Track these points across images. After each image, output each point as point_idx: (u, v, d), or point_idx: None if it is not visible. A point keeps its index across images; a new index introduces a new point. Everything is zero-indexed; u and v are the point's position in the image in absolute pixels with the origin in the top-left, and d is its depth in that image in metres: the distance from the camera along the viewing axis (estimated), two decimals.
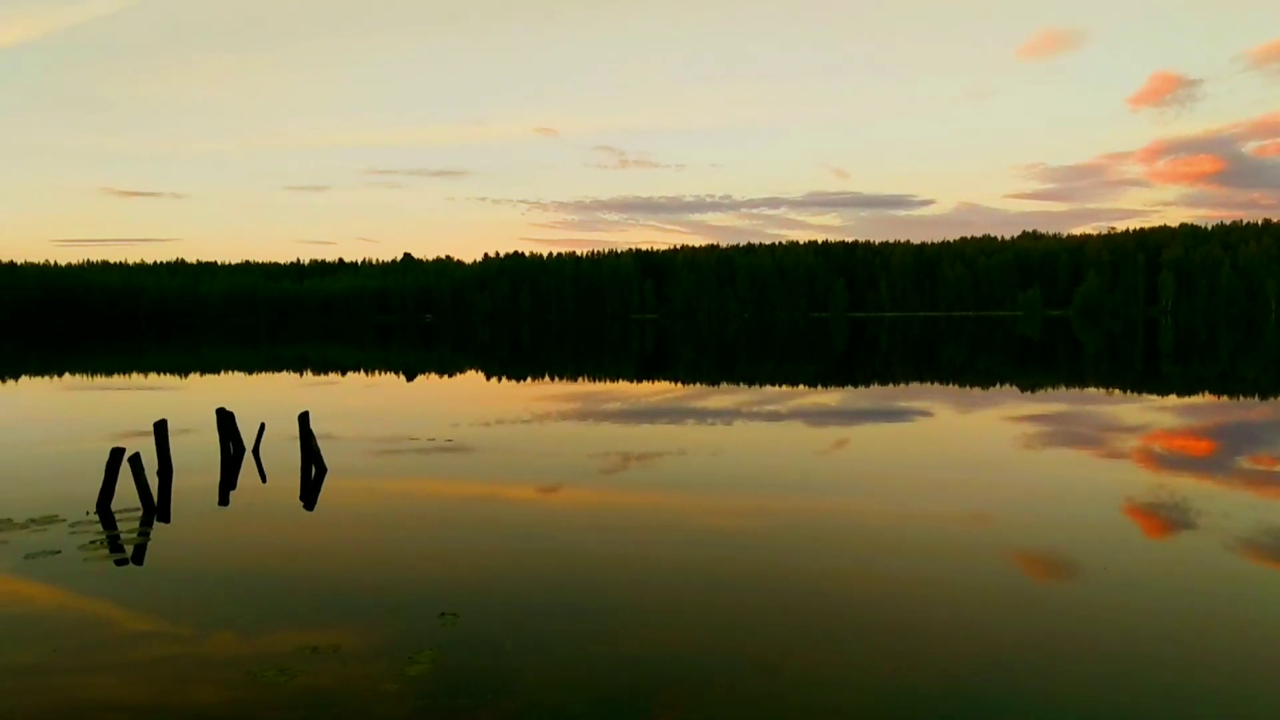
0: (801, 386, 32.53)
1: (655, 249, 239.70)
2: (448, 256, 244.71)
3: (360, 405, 26.97)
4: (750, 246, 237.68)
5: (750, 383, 33.85)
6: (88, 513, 11.76)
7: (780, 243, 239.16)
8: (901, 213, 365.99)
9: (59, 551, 10.02)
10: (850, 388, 31.87)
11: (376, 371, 42.77)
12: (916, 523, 11.32)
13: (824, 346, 64.87)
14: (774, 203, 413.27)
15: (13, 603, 8.40)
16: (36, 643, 7.38)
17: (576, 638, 7.39)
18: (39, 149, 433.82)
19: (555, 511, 12.10)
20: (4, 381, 38.53)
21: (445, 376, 40.16)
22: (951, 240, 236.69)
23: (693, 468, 15.34)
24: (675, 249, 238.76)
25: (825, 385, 32.93)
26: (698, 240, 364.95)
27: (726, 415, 22.57)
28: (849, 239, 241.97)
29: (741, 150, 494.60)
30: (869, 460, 16.26)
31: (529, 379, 37.81)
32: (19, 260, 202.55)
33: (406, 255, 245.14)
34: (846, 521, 11.43)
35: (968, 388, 31.66)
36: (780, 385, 33.14)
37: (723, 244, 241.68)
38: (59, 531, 10.90)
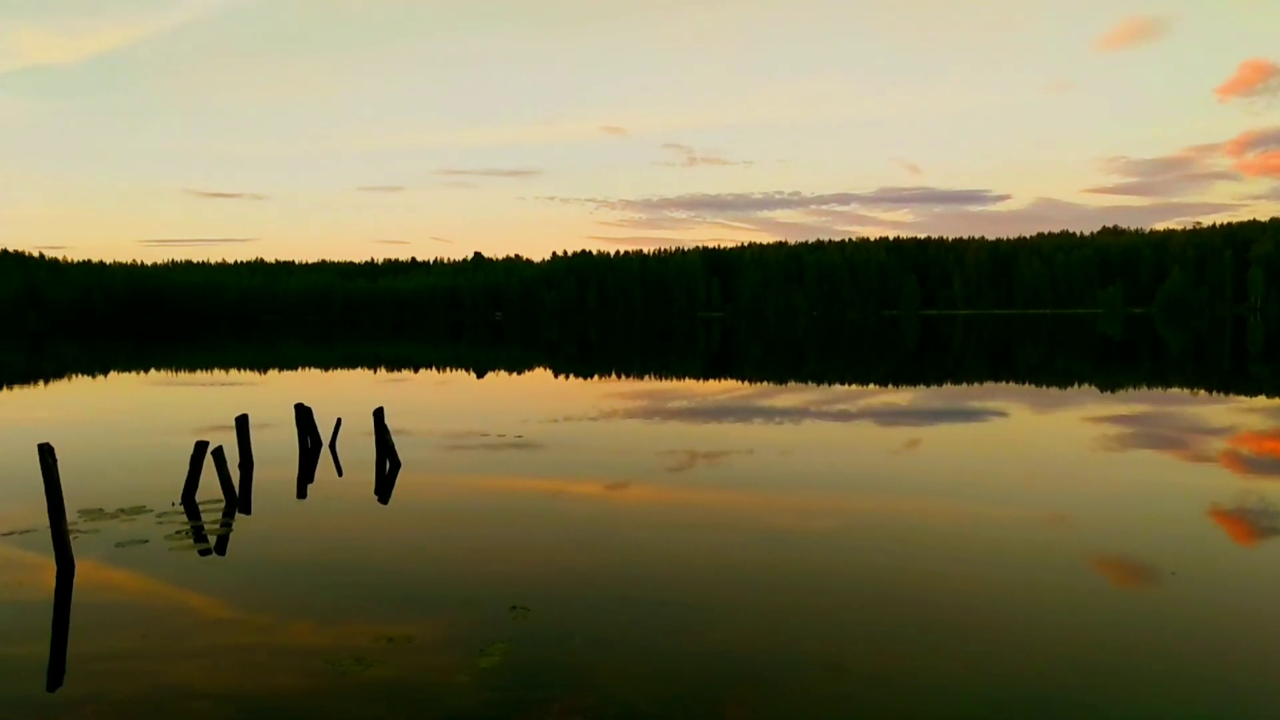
0: (872, 385, 32.11)
1: (722, 246, 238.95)
2: (517, 255, 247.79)
3: (432, 401, 27.43)
4: (819, 243, 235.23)
5: (819, 381, 33.53)
6: (174, 504, 12.19)
7: (850, 239, 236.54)
8: (976, 208, 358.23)
9: (147, 541, 10.41)
10: (922, 387, 31.36)
11: (447, 368, 43.45)
12: (991, 525, 11.09)
13: (895, 345, 63.89)
14: (844, 199, 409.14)
15: (105, 589, 8.75)
16: (127, 628, 7.68)
17: (646, 634, 7.42)
18: (128, 152, 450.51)
19: (623, 508, 12.15)
20: (95, 377, 40.13)
21: (514, 374, 40.62)
22: (1028, 236, 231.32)
23: (761, 467, 15.26)
24: (742, 246, 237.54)
25: (896, 384, 32.45)
26: (766, 237, 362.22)
27: (795, 414, 22.39)
28: (921, 235, 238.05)
29: (811, 146, 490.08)
30: (942, 461, 15.97)
31: (596, 376, 38.02)
32: (109, 260, 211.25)
33: (477, 254, 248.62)
34: (918, 522, 11.25)
35: (1045, 388, 30.88)
36: (850, 384, 32.77)
37: (791, 241, 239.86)
38: (147, 521, 11.32)
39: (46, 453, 9.39)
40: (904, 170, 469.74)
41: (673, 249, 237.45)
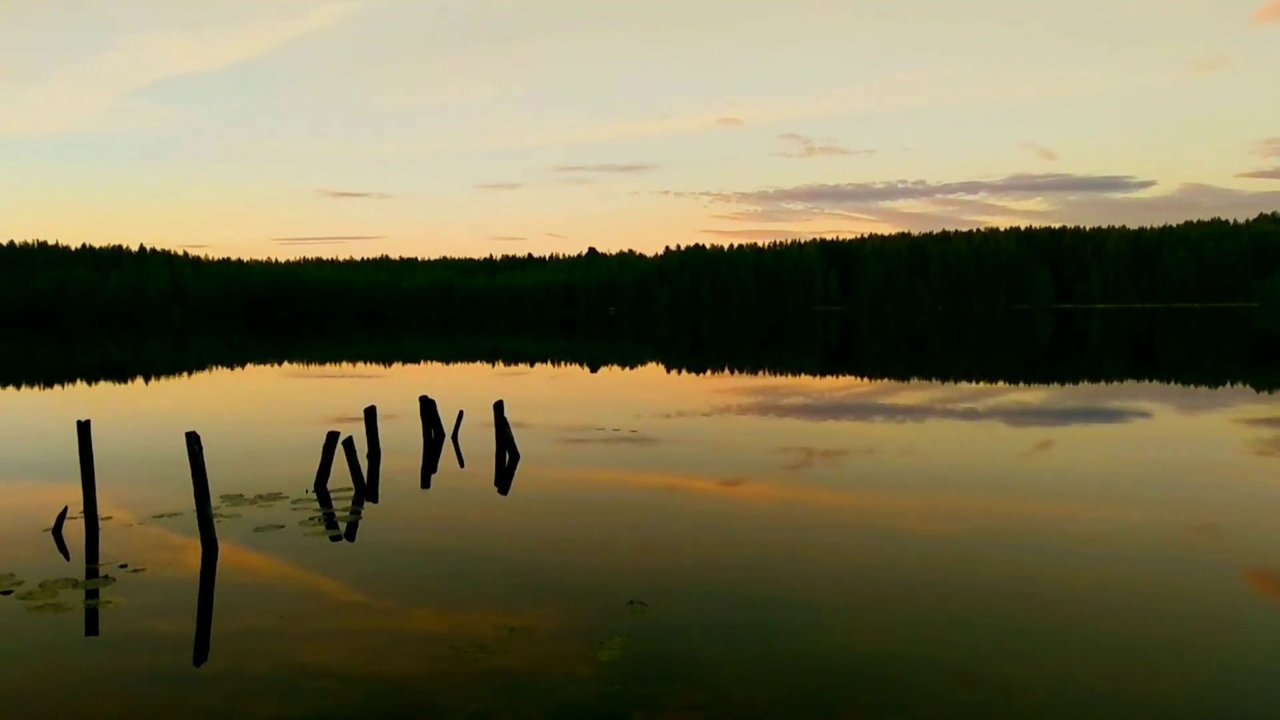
0: (1001, 383, 30.97)
1: (841, 238, 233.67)
2: (630, 250, 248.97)
3: (548, 395, 27.87)
4: (945, 234, 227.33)
5: (944, 378, 32.55)
6: (307, 491, 12.73)
7: (979, 229, 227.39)
8: (1117, 195, 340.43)
9: (283, 526, 10.90)
10: (1055, 385, 30.06)
11: (562, 363, 44.10)
12: (1131, 532, 10.52)
13: (1026, 340, 61.47)
14: (972, 187, 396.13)
15: (245, 571, 9.20)
16: (265, 609, 8.05)
17: (765, 633, 7.33)
18: (264, 154, 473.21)
19: (739, 505, 12.06)
20: (234, 369, 42.38)
21: (627, 369, 40.90)
22: (1174, 225, 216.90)
23: (882, 466, 14.90)
24: (863, 238, 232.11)
25: (1027, 382, 31.21)
26: (887, 229, 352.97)
27: (917, 412, 21.80)
28: (1056, 224, 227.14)
29: (937, 133, 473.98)
30: (1077, 463, 15.27)
31: (709, 372, 37.92)
32: (246, 258, 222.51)
33: (591, 249, 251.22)
34: (1051, 528, 10.77)
35: (1192, 387, 29.15)
36: (977, 381, 31.70)
37: (915, 232, 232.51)
38: (283, 507, 11.86)
39: (193, 441, 9.93)
40: (1037, 156, 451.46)
41: (789, 242, 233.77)
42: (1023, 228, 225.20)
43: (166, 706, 6.12)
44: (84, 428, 11.06)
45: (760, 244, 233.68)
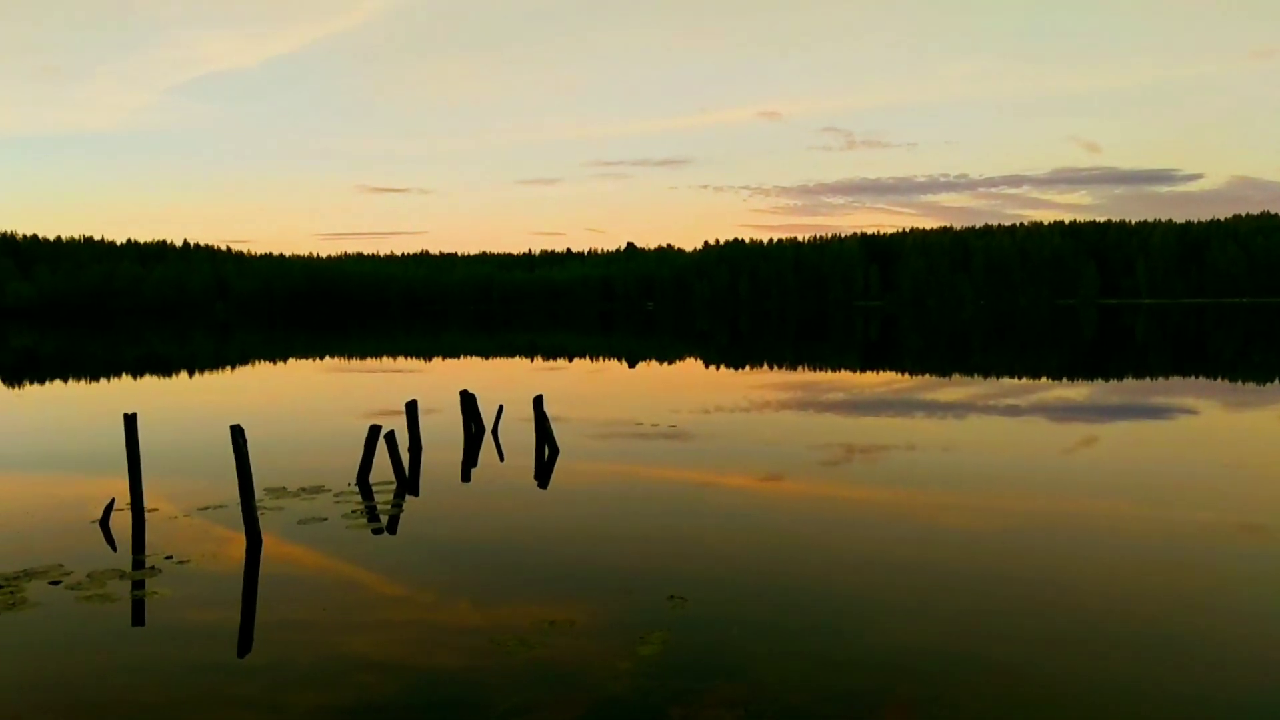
0: (1044, 379, 30.49)
1: (882, 232, 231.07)
2: (669, 245, 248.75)
3: (586, 390, 27.92)
4: (988, 228, 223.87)
5: (986, 374, 32.13)
6: (349, 484, 12.85)
7: (1022, 223, 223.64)
8: (1163, 189, 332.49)
9: (325, 519, 11.01)
10: (1100, 381, 29.56)
11: (600, 358, 44.15)
12: (1178, 530, 10.30)
13: (1071, 336, 60.52)
14: (1015, 180, 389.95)
15: (288, 563, 9.30)
16: (307, 601, 8.13)
17: (805, 629, 7.27)
18: (305, 150, 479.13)
19: (778, 501, 11.98)
20: (276, 363, 42.96)
21: (665, 364, 40.85)
22: (1223, 218, 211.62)
23: (922, 463, 14.73)
24: (904, 232, 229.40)
25: (1071, 378, 30.72)
26: (929, 222, 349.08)
27: (959, 408, 21.53)
28: (1101, 218, 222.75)
29: (980, 126, 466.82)
30: (1121, 461, 14.99)
31: (748, 367, 37.77)
32: (287, 253, 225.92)
33: (630, 244, 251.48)
34: (1095, 525, 10.57)
35: (1241, 383, 28.51)
36: (1020, 377, 31.25)
37: (957, 226, 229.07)
38: (325, 500, 11.98)
39: (238, 434, 10.06)
40: (1081, 149, 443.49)
41: (829, 236, 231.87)
42: (1067, 221, 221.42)
43: (210, 696, 6.20)
44: (130, 420, 11.24)
45: (800, 238, 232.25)
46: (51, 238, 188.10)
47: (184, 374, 36.66)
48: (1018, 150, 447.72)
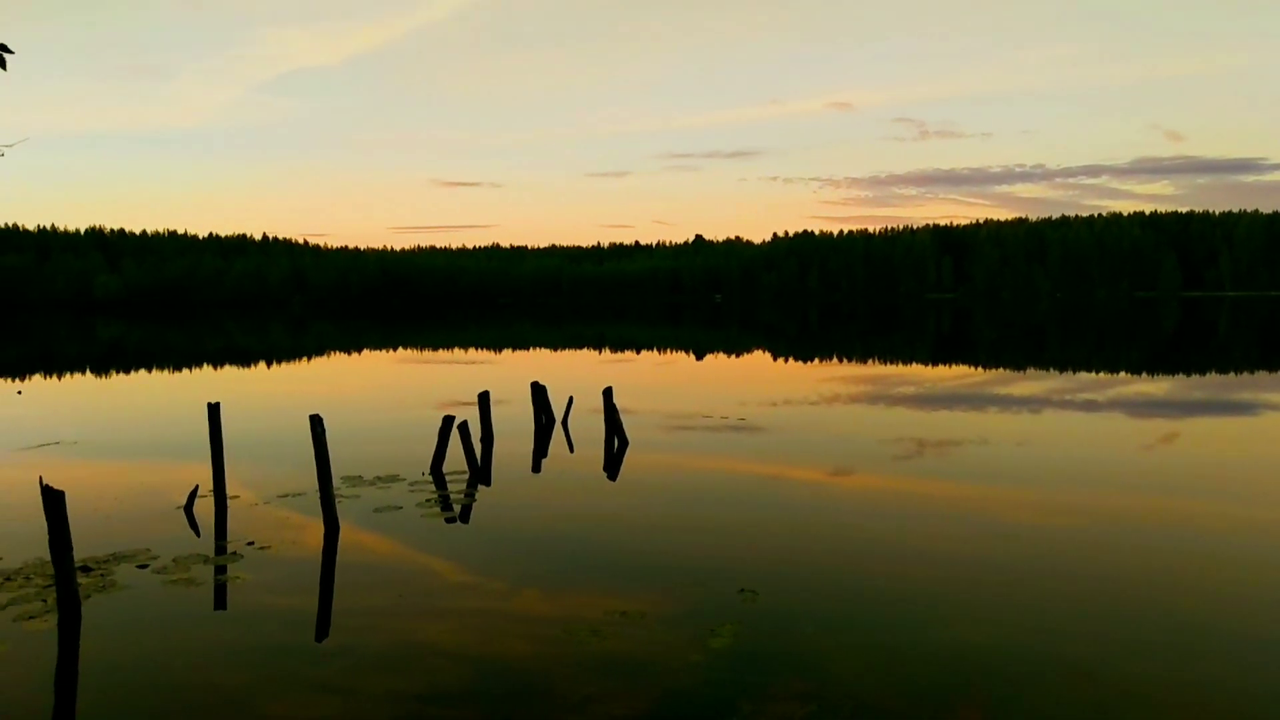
0: (1123, 374, 29.58)
1: (955, 224, 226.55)
2: (737, 237, 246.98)
3: (654, 382, 27.93)
4: (1065, 219, 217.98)
5: (1062, 368, 31.29)
6: (423, 473, 13.07)
7: (1100, 214, 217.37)
8: (1249, 178, 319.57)
9: (400, 507, 11.21)
10: (1181, 376, 28.56)
11: (668, 350, 44.13)
12: (1262, 530, 9.92)
13: (1150, 329, 58.60)
14: (1094, 170, 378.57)
15: (364, 551, 9.50)
16: (382, 588, 8.28)
17: (876, 625, 7.18)
18: (380, 144, 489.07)
19: (849, 495, 11.84)
20: (351, 354, 43.89)
21: (733, 356, 40.65)
22: None
23: (996, 458, 14.41)
24: (978, 223, 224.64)
25: (1151, 373, 29.74)
26: (1004, 214, 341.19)
27: (1034, 403, 21.00)
28: (1183, 209, 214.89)
29: (1057, 115, 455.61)
30: (1203, 458, 14.47)
31: (816, 360, 37.38)
32: (363, 246, 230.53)
33: (698, 237, 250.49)
34: (1176, 524, 10.23)
35: None
36: (1097, 372, 30.36)
37: (1032, 217, 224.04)
38: (400, 489, 12.20)
39: (317, 423, 10.29)
40: (1163, 138, 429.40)
41: (900, 227, 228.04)
42: (1148, 212, 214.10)
43: (288, 679, 6.36)
44: (214, 410, 11.58)
45: (871, 230, 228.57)
46: (138, 232, 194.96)
47: (262, 365, 37.69)
48: (1097, 139, 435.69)
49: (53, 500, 7.45)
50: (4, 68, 5.92)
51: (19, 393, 25.90)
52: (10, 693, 6.17)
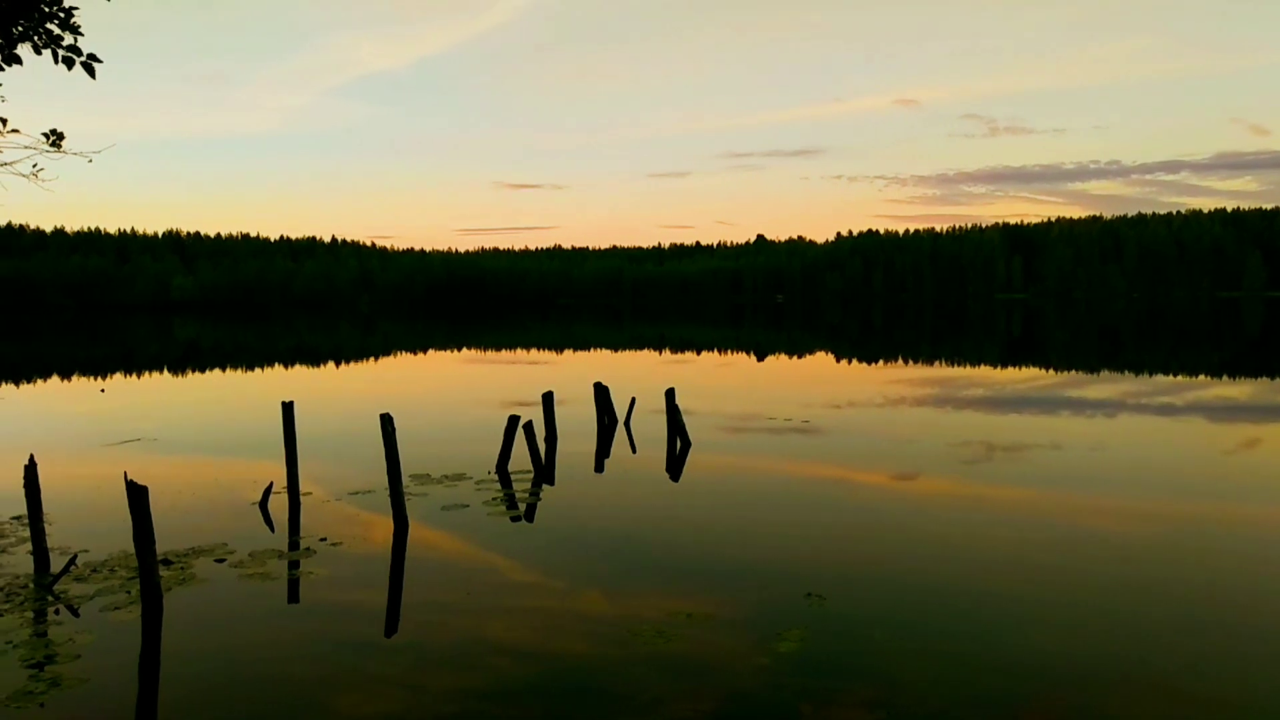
0: (1202, 377, 28.62)
1: (1025, 222, 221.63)
2: (800, 236, 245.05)
3: (715, 383, 27.84)
4: (1141, 217, 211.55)
5: (1138, 371, 30.39)
6: (489, 472, 13.21)
7: (1179, 211, 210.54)
8: None
9: (467, 506, 11.35)
10: (1265, 379, 27.53)
11: (729, 351, 43.95)
12: None
13: (1232, 331, 56.59)
14: (1172, 166, 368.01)
15: (432, 548, 9.64)
16: (450, 585, 8.39)
17: (945, 632, 7.05)
18: (445, 147, 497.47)
19: (916, 499, 11.65)
20: (417, 354, 44.59)
21: (795, 357, 40.31)
22: None
23: (1069, 463, 14.05)
24: (1049, 221, 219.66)
25: (1233, 376, 28.74)
26: (1076, 211, 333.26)
27: (1108, 406, 20.44)
28: (1268, 205, 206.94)
29: (1133, 109, 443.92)
30: None
31: (881, 362, 36.88)
32: (428, 248, 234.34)
33: (759, 236, 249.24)
34: (1260, 533, 9.87)
35: None
36: (1175, 374, 29.43)
37: (1107, 215, 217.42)
38: (467, 488, 12.35)
39: (387, 422, 10.47)
40: (1246, 132, 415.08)
41: (969, 226, 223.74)
42: (1229, 209, 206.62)
43: (358, 674, 6.47)
44: (288, 409, 11.85)
45: (938, 229, 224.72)
46: (212, 235, 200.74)
47: (331, 364, 38.49)
48: (1175, 134, 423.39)
49: (137, 495, 7.70)
50: (93, 76, 6.14)
51: (102, 391, 26.85)
52: (98, 680, 6.40)
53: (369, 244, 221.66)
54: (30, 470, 9.00)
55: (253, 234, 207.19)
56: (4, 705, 6.00)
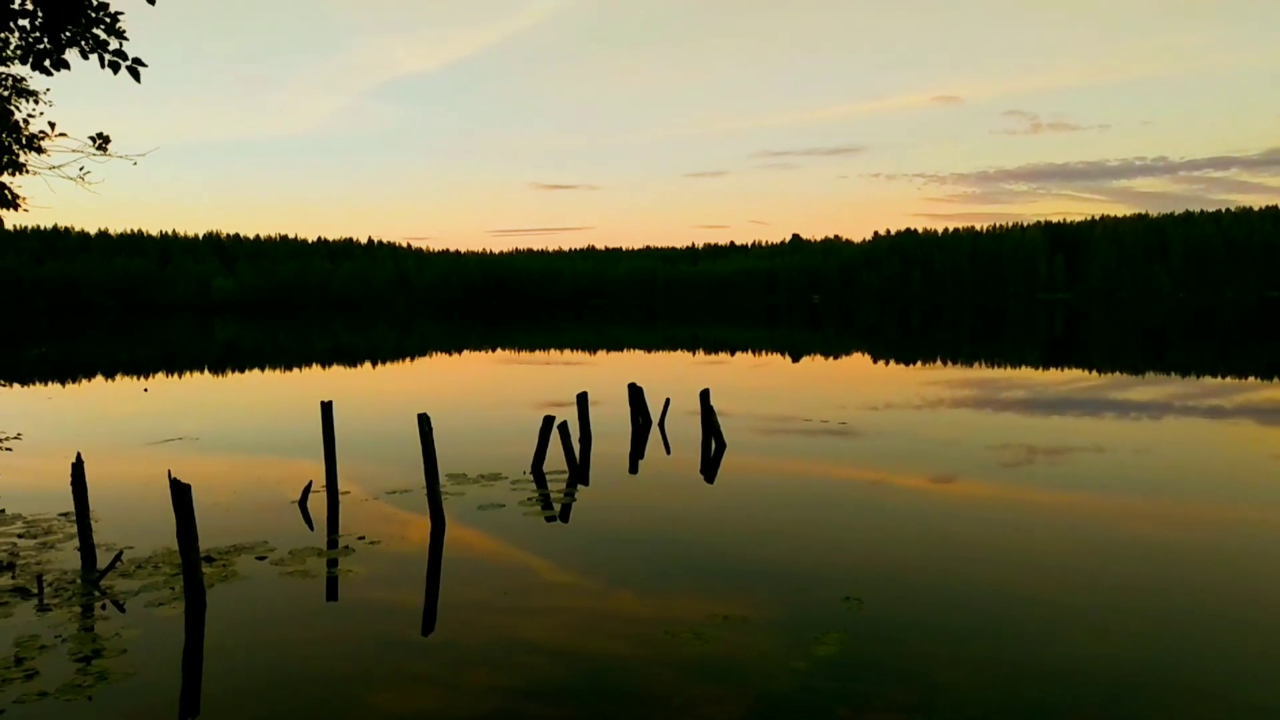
0: (1252, 379, 28.00)
1: (1068, 220, 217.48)
2: (836, 236, 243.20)
3: (750, 384, 27.74)
4: (1188, 215, 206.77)
5: (1184, 372, 29.82)
6: (524, 472, 13.26)
7: (1228, 209, 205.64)
8: None
9: (503, 505, 11.41)
10: None
11: (764, 351, 43.76)
12: None
13: None
14: (1221, 163, 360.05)
15: (468, 547, 9.69)
16: (486, 584, 8.43)
17: (985, 639, 6.96)
18: (480, 148, 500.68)
19: (955, 503, 11.51)
20: (453, 354, 44.88)
21: (830, 358, 40.04)
22: None
23: (1113, 467, 13.81)
24: (1092, 220, 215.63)
25: None
26: (1121, 209, 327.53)
27: (1153, 409, 20.08)
28: None
29: (1180, 105, 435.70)
30: None
31: (919, 363, 36.51)
32: (463, 249, 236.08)
33: (795, 236, 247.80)
34: None
35: None
36: (1224, 376, 28.82)
37: (1153, 212, 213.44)
38: (503, 488, 12.41)
39: (424, 422, 10.55)
40: None
41: (1010, 224, 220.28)
42: None
43: (395, 671, 6.52)
44: (327, 408, 11.98)
45: (978, 227, 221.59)
46: (251, 237, 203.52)
47: (368, 364, 38.86)
48: (1224, 130, 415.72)
49: (180, 493, 7.81)
50: (138, 80, 6.24)
51: (145, 390, 27.34)
52: (144, 674, 6.50)
53: (405, 245, 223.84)
54: (77, 468, 9.17)
55: (290, 236, 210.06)
56: (54, 698, 6.12)
